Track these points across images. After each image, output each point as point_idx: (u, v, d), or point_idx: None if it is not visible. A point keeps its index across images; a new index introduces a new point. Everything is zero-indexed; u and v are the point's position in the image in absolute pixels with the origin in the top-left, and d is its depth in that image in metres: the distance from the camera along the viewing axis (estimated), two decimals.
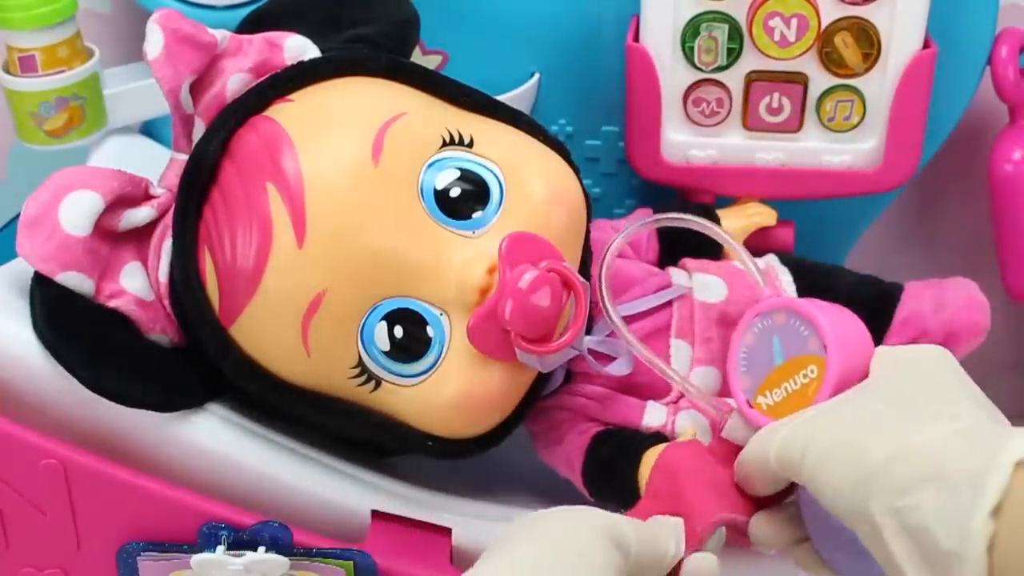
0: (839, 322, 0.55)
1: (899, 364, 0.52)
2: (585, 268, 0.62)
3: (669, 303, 0.65)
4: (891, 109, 0.72)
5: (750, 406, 0.56)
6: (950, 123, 0.81)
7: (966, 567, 0.40)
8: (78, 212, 0.58)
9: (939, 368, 0.51)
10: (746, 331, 0.57)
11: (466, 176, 0.59)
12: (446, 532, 0.62)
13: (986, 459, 0.42)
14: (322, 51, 0.65)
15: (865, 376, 0.53)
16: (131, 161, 0.66)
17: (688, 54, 0.72)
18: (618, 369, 0.61)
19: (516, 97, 0.80)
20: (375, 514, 0.63)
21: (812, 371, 0.54)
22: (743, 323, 0.58)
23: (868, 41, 0.70)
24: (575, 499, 0.64)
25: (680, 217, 0.61)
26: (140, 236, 0.62)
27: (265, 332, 0.58)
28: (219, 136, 0.59)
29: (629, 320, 0.63)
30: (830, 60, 0.71)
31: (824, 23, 0.70)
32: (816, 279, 0.69)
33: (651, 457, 0.60)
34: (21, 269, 0.61)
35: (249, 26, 0.70)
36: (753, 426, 0.55)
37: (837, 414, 0.50)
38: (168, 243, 0.61)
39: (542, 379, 0.61)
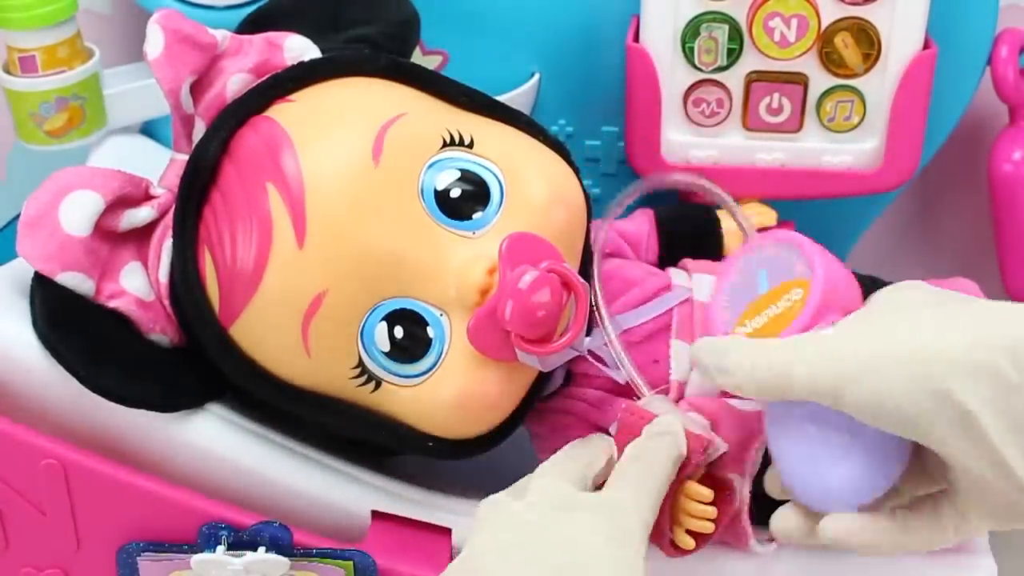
0: (827, 253, 0.53)
1: (903, 288, 0.51)
2: (585, 268, 0.62)
3: None
4: (891, 109, 0.72)
5: None
6: (950, 123, 0.81)
7: None
8: (78, 212, 0.58)
9: (931, 289, 0.51)
10: (732, 269, 0.56)
11: (466, 177, 0.59)
12: (446, 532, 0.62)
13: None
14: (322, 51, 0.65)
15: (848, 311, 0.52)
16: (131, 161, 0.66)
17: (688, 54, 0.72)
18: (618, 373, 0.61)
19: (516, 97, 0.80)
20: (375, 514, 0.63)
21: (797, 293, 0.52)
22: (731, 263, 0.56)
23: (868, 41, 0.70)
24: None
25: (667, 178, 0.62)
26: (140, 236, 0.62)
27: (265, 332, 0.58)
28: (219, 136, 0.59)
29: None
30: (830, 60, 0.71)
31: (824, 23, 0.70)
32: None
33: None
34: (21, 269, 0.61)
35: (249, 26, 0.70)
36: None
37: (874, 325, 0.48)
38: (168, 243, 0.61)
39: (542, 379, 0.61)
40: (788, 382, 0.49)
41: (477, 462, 0.63)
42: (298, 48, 0.64)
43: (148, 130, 0.82)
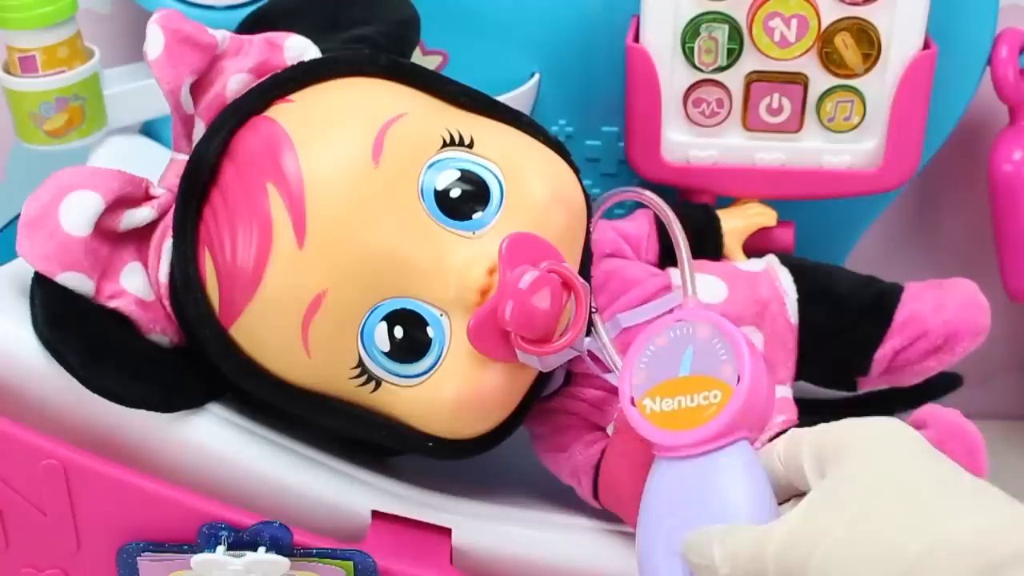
0: (759, 365, 0.51)
1: (870, 450, 0.47)
2: (585, 269, 0.62)
3: None
4: (891, 109, 0.72)
5: (633, 404, 0.53)
6: (950, 123, 0.81)
7: None
8: (78, 212, 0.58)
9: (912, 447, 0.47)
10: (661, 331, 0.54)
11: (466, 177, 0.59)
12: (446, 532, 0.62)
13: None
14: (322, 51, 0.65)
15: (760, 430, 0.51)
16: (131, 161, 0.66)
17: (688, 54, 0.72)
18: (616, 377, 0.61)
19: (516, 97, 0.80)
20: (375, 514, 0.63)
21: (715, 396, 0.51)
22: (661, 323, 0.54)
23: (868, 41, 0.70)
24: (576, 499, 0.64)
25: (631, 190, 0.61)
26: (140, 236, 0.62)
27: (265, 332, 0.58)
28: (219, 136, 0.59)
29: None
30: (830, 60, 0.71)
31: (824, 24, 0.70)
32: (816, 279, 0.70)
33: None
34: (21, 269, 0.61)
35: (249, 26, 0.70)
36: (630, 423, 0.53)
37: (840, 508, 0.45)
38: (168, 243, 0.61)
39: (542, 379, 0.61)
40: (763, 566, 0.46)
41: (477, 462, 0.63)
42: (298, 48, 0.64)
43: (148, 130, 0.82)
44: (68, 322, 0.59)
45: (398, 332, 0.57)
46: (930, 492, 0.44)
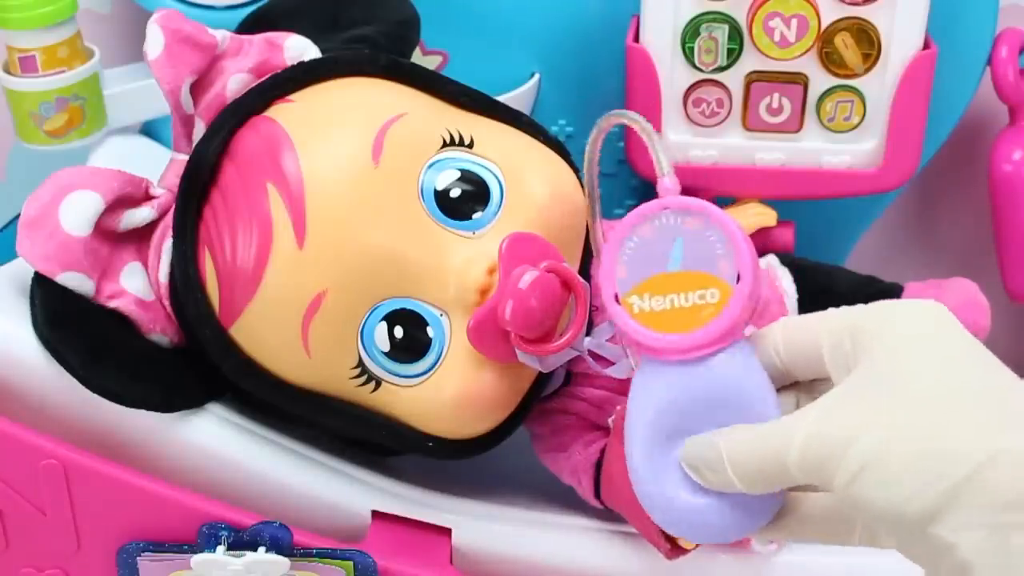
0: (755, 258, 0.47)
1: (910, 342, 0.43)
2: (585, 268, 0.62)
3: None
4: (891, 109, 0.72)
5: (617, 302, 0.47)
6: (950, 123, 0.81)
7: None
8: (78, 212, 0.58)
9: (954, 339, 0.43)
10: (645, 220, 0.48)
11: (466, 177, 0.59)
12: (446, 532, 0.62)
13: None
14: (322, 51, 0.65)
15: (750, 320, 0.47)
16: (131, 161, 0.66)
17: (688, 54, 0.72)
18: (618, 371, 0.61)
19: (516, 97, 0.80)
20: (375, 514, 0.63)
21: (712, 295, 0.46)
22: (645, 209, 0.48)
23: (868, 41, 0.70)
24: (576, 499, 0.64)
25: (621, 114, 0.55)
26: (140, 236, 0.62)
27: (265, 332, 0.58)
28: (219, 136, 0.59)
29: None
30: (830, 60, 0.71)
31: (824, 23, 0.70)
32: (816, 279, 0.70)
33: None
34: (21, 269, 0.61)
35: (249, 26, 0.70)
36: (615, 325, 0.48)
37: (881, 402, 0.42)
38: (168, 243, 0.61)
39: (542, 380, 0.61)
40: (782, 461, 0.43)
41: (477, 462, 0.63)
42: (298, 48, 0.64)
43: (148, 130, 0.82)
44: (68, 322, 0.59)
45: (398, 332, 0.57)
46: (984, 394, 0.41)
